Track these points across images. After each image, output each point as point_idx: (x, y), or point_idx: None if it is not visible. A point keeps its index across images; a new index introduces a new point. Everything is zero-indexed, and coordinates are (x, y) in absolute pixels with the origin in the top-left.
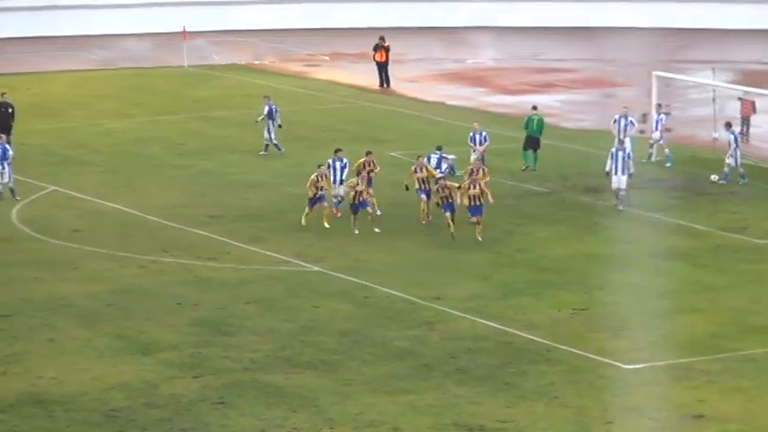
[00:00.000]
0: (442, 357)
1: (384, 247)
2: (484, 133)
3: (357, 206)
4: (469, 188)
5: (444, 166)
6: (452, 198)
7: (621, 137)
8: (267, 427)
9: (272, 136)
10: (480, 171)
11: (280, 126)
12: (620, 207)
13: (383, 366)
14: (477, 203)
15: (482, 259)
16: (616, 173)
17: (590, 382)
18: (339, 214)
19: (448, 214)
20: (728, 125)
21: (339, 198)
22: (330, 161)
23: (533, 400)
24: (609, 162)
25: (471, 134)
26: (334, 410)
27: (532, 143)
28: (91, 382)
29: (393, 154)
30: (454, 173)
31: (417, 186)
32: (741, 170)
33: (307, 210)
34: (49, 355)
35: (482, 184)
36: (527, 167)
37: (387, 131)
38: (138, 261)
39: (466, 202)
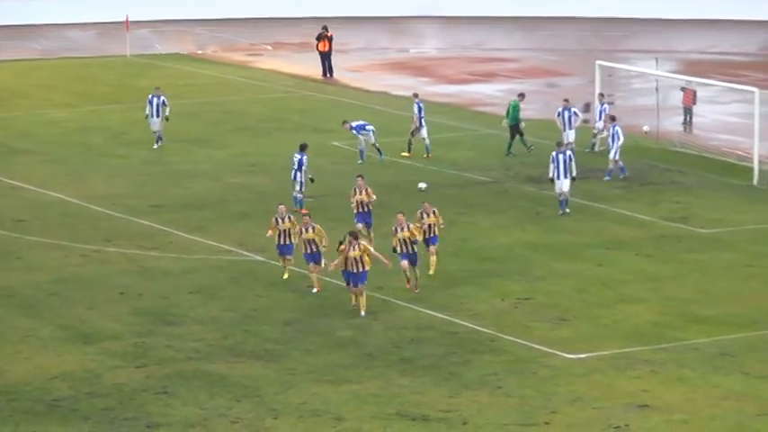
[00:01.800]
0: (386, 347)
1: (327, 237)
2: (421, 104)
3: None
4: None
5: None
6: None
7: (567, 129)
8: (210, 417)
9: (159, 127)
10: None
11: (167, 119)
12: (567, 210)
13: (326, 356)
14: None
15: (425, 249)
16: (559, 177)
17: (533, 371)
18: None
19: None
20: (613, 119)
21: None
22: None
23: (477, 389)
24: (551, 167)
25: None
26: (277, 400)
27: (512, 130)
28: (34, 371)
29: (336, 143)
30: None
31: (399, 250)
32: (620, 164)
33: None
34: None
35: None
36: (530, 148)
37: (330, 121)
38: (81, 250)
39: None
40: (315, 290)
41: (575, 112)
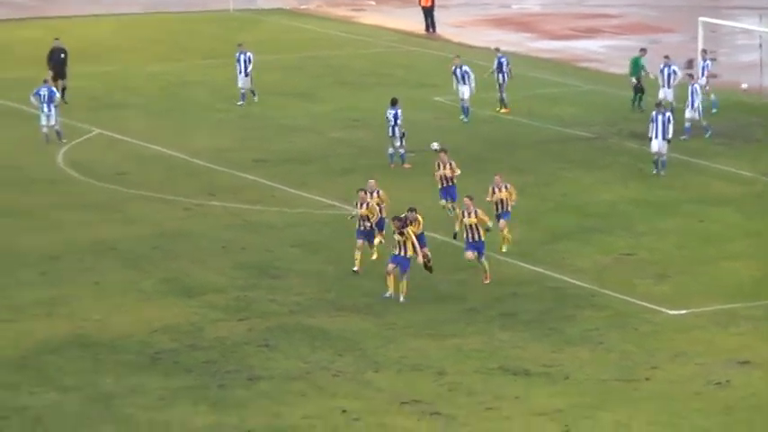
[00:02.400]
0: (487, 302)
1: (427, 192)
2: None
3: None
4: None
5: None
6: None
7: (665, 86)
8: (312, 370)
9: (246, 84)
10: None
11: (247, 75)
12: (662, 173)
13: (427, 310)
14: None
15: (528, 204)
16: (656, 137)
17: (635, 327)
18: (407, 166)
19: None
20: (691, 77)
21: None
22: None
23: (578, 344)
24: (650, 127)
25: (453, 68)
26: (378, 354)
27: (637, 85)
28: (136, 324)
29: (438, 99)
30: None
31: (464, 237)
32: (687, 124)
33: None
34: (95, 297)
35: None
36: (642, 108)
37: (432, 76)
38: (184, 204)
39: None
40: (356, 269)
41: (674, 70)
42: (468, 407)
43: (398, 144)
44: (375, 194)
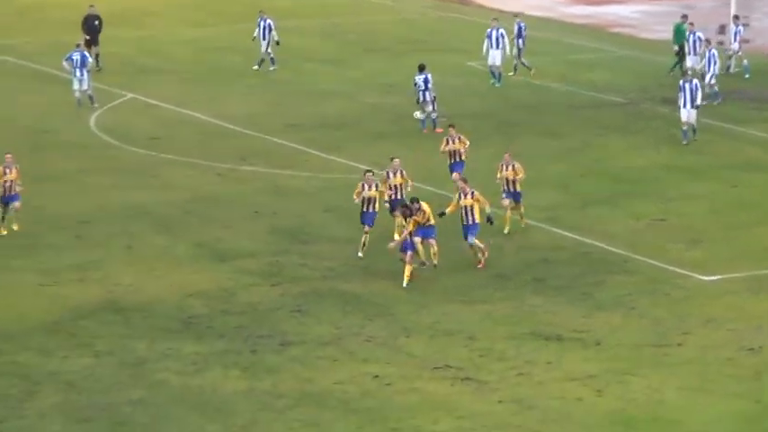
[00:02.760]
0: (518, 267)
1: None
2: (501, 30)
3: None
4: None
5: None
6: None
7: (691, 53)
8: (343, 335)
9: (269, 50)
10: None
11: (278, 43)
12: (694, 139)
13: (459, 276)
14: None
15: (560, 169)
16: (685, 106)
17: (667, 292)
18: (440, 130)
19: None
20: (708, 42)
21: (430, 114)
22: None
23: (610, 310)
24: (679, 96)
25: (489, 30)
26: (410, 319)
27: (680, 51)
28: (169, 289)
29: (471, 64)
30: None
31: (503, 188)
32: (716, 88)
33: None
34: (127, 262)
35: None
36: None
37: (466, 42)
38: (217, 169)
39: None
40: (360, 254)
41: (699, 37)
42: (500, 372)
43: (430, 109)
44: (399, 174)
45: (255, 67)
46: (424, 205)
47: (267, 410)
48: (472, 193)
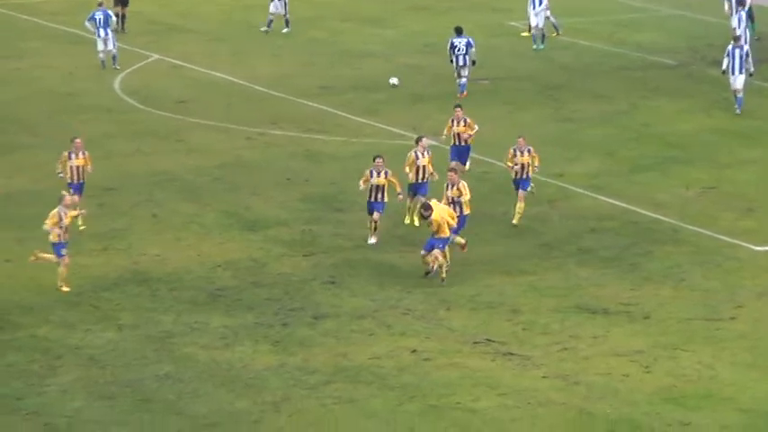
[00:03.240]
0: (564, 237)
1: (502, 121)
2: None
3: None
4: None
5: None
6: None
7: (734, 14)
8: (380, 308)
9: (278, 9)
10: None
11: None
12: (738, 111)
13: (501, 246)
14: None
15: (607, 134)
16: (733, 72)
17: (718, 263)
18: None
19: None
20: (741, 3)
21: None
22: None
23: (659, 282)
24: (725, 61)
25: None
26: (450, 291)
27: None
28: (196, 259)
29: (513, 24)
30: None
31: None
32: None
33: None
34: (153, 231)
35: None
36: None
37: (507, 1)
38: (246, 133)
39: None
40: (372, 240)
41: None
42: (544, 347)
43: (466, 73)
44: (426, 154)
45: (264, 29)
46: (436, 214)
47: (299, 387)
48: (459, 185)
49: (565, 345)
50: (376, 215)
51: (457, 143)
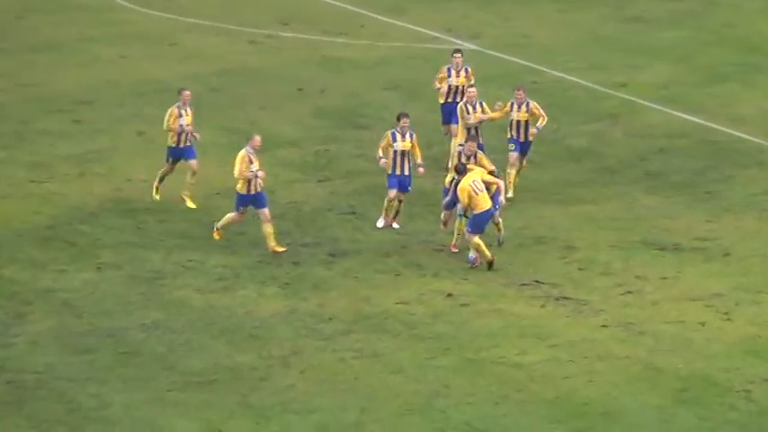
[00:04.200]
0: (629, 159)
1: (556, 19)
2: None
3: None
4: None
5: None
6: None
7: None
8: (409, 243)
9: None
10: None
11: None
12: None
13: (554, 169)
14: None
15: (680, 36)
16: None
17: None
18: None
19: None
20: None
21: None
22: None
23: (741, 212)
24: None
25: None
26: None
27: None
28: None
29: None
30: None
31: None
32: None
33: None
34: (140, 152)
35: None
36: None
37: None
38: (250, 36)
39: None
40: (381, 223)
41: None
42: (604, 290)
43: None
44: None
45: None
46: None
47: (312, 337)
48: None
49: (629, 287)
50: (395, 193)
51: (449, 99)
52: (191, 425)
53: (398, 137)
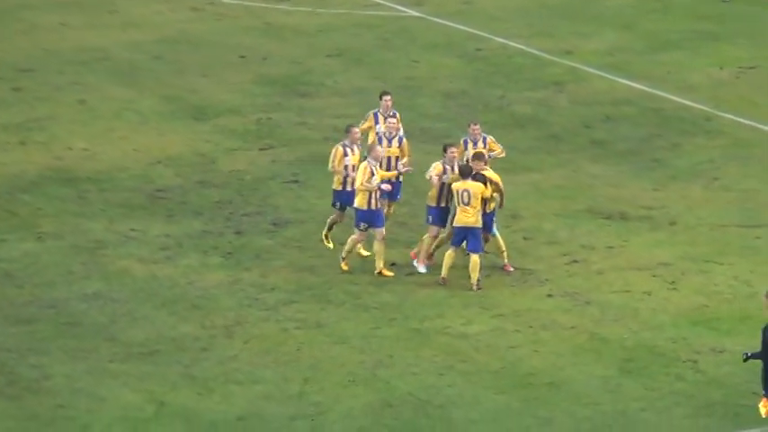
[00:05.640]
0: (573, 127)
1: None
2: None
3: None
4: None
5: None
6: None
7: None
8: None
9: None
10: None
11: None
12: None
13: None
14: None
15: (626, 4)
16: None
17: (759, 159)
18: None
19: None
20: None
21: None
22: None
23: (688, 181)
24: None
25: None
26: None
27: None
28: (132, 154)
29: None
30: None
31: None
32: None
33: None
34: (80, 120)
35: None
36: None
37: None
38: (192, 2)
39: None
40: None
41: None
42: (549, 259)
43: None
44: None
45: None
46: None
47: (255, 307)
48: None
49: (574, 257)
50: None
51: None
52: (133, 396)
53: (449, 168)
